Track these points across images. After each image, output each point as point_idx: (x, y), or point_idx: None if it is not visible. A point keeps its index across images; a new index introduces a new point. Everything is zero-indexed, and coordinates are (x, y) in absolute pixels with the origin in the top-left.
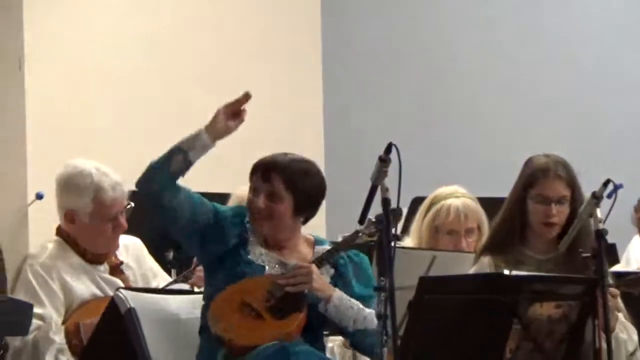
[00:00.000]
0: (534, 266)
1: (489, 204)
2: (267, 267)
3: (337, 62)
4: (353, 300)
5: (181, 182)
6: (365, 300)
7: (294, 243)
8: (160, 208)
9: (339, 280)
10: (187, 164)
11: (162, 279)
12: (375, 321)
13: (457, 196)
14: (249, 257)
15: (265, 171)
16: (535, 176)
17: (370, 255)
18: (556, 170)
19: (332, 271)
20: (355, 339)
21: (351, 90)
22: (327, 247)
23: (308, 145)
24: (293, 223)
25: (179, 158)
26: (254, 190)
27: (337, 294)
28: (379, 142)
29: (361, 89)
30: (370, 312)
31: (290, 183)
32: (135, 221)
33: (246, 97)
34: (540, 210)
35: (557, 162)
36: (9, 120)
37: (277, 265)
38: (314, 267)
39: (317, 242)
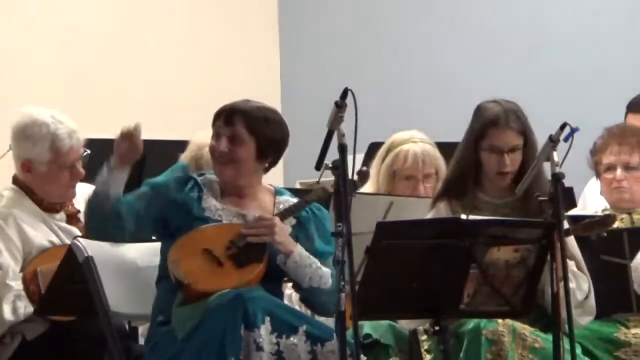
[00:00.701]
0: (490, 210)
1: (447, 149)
2: (224, 222)
3: (294, 6)
4: (312, 258)
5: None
6: (323, 257)
7: (254, 191)
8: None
9: (300, 231)
10: (115, 198)
11: None
12: (330, 281)
13: (415, 141)
14: (204, 214)
15: (228, 115)
16: (486, 127)
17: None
18: (507, 120)
19: (293, 221)
20: (307, 295)
21: (308, 36)
22: (288, 197)
23: (265, 91)
24: (255, 169)
25: (106, 202)
26: (216, 135)
27: (298, 250)
28: (336, 88)
29: (319, 33)
30: (326, 271)
31: (252, 127)
32: (92, 169)
33: (135, 131)
34: (493, 161)
35: (508, 110)
36: None
37: (234, 219)
38: (277, 219)
39: (277, 192)
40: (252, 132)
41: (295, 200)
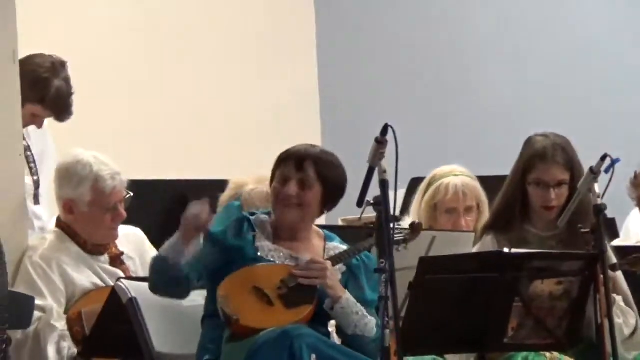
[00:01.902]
0: (537, 243)
1: (488, 182)
2: (277, 263)
3: (332, 41)
4: (359, 306)
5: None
6: (370, 306)
7: (306, 236)
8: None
9: (350, 278)
10: (178, 266)
11: None
12: (375, 330)
13: (456, 174)
14: (258, 254)
15: (299, 161)
16: (533, 161)
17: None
18: (554, 155)
19: (343, 268)
20: (350, 342)
21: (347, 71)
22: (338, 244)
23: (305, 128)
24: (317, 213)
25: (174, 268)
26: (283, 179)
27: (347, 296)
28: (376, 124)
29: (357, 69)
30: (371, 319)
31: (322, 172)
32: (135, 211)
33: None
34: (539, 195)
35: (556, 145)
36: (3, 114)
37: (287, 260)
38: (329, 264)
39: (328, 237)
40: (320, 177)
41: (344, 247)
